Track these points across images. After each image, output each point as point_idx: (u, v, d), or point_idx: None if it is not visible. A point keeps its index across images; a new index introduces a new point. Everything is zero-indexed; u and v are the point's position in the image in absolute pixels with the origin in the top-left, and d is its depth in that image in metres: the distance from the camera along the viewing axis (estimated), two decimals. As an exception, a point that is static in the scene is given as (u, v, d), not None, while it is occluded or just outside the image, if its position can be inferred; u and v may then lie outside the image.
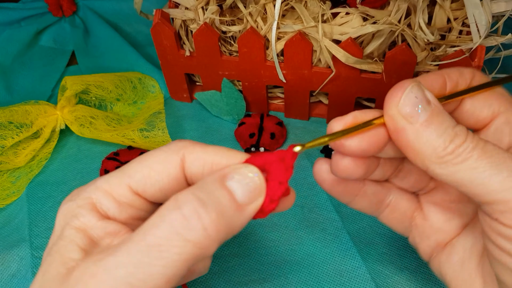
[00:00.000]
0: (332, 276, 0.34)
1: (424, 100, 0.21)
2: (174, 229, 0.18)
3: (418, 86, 0.21)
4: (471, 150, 0.20)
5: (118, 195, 0.22)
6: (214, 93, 0.46)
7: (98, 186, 0.22)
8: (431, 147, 0.20)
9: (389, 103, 0.21)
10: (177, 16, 0.43)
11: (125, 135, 0.42)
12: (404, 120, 0.21)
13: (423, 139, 0.21)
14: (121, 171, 0.22)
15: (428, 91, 0.21)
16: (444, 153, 0.20)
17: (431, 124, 0.21)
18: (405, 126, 0.21)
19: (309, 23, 0.38)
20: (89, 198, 0.21)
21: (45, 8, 0.60)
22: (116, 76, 0.48)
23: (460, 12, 0.37)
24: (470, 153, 0.20)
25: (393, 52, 0.36)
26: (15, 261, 0.36)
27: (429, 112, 0.21)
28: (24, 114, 0.43)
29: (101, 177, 0.22)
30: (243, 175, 0.20)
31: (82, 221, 0.21)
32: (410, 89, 0.21)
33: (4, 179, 0.42)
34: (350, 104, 0.42)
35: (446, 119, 0.21)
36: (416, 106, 0.21)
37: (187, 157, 0.22)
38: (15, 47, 0.56)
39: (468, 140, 0.20)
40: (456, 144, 0.20)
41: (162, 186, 0.22)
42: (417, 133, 0.21)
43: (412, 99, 0.21)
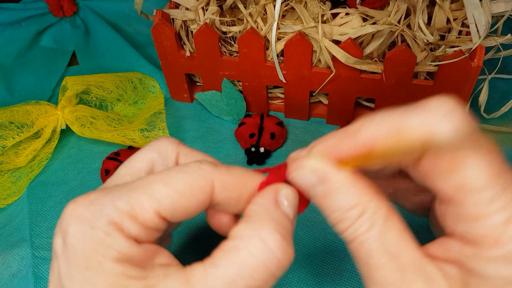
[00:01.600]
0: (332, 275, 0.34)
1: (315, 182, 0.21)
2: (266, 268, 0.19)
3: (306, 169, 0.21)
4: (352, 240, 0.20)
5: (145, 220, 0.20)
6: (215, 93, 0.46)
7: (121, 209, 0.19)
8: (328, 221, 0.21)
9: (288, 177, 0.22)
10: (177, 17, 0.43)
11: (125, 135, 0.42)
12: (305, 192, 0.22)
13: (323, 212, 0.21)
14: (144, 193, 0.20)
15: (327, 167, 0.20)
16: (336, 229, 0.21)
17: (322, 204, 0.21)
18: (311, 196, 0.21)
19: (309, 24, 0.38)
20: (114, 223, 0.19)
21: (46, 8, 0.60)
22: (117, 77, 0.48)
23: (459, 13, 0.38)
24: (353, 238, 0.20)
25: (393, 53, 0.36)
26: (15, 261, 0.36)
27: (321, 191, 0.20)
28: (25, 114, 0.44)
29: (116, 196, 0.20)
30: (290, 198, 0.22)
31: (123, 252, 0.19)
32: (298, 173, 0.21)
33: (5, 179, 0.42)
34: (350, 104, 0.42)
35: (339, 200, 0.20)
36: (310, 184, 0.21)
37: (217, 183, 0.21)
38: (15, 48, 0.56)
39: (353, 228, 0.20)
40: (341, 229, 0.20)
41: (189, 212, 0.21)
42: (318, 205, 0.21)
43: (303, 181, 0.21)
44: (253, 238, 0.19)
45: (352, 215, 0.20)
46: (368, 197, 0.20)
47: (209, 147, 0.44)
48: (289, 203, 0.21)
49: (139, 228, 0.20)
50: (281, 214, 0.21)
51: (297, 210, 0.22)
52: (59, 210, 0.40)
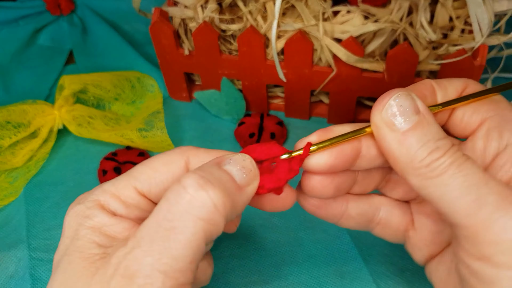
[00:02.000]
0: (333, 277, 0.34)
1: (411, 109, 0.21)
2: (184, 210, 0.19)
3: (405, 95, 0.21)
4: (447, 166, 0.20)
5: (125, 196, 0.23)
6: (214, 92, 0.46)
7: (105, 189, 0.23)
8: (409, 157, 0.20)
9: (373, 111, 0.22)
10: (176, 15, 0.43)
11: (123, 135, 0.42)
12: (386, 128, 0.21)
13: (402, 148, 0.21)
14: (126, 174, 0.23)
15: (419, 100, 0.21)
16: (419, 165, 0.20)
17: (413, 134, 0.20)
18: (387, 133, 0.21)
19: (310, 22, 0.38)
20: (97, 200, 0.22)
21: (43, 6, 0.59)
22: (115, 75, 0.48)
23: (462, 11, 0.37)
24: (445, 169, 0.20)
25: (395, 51, 0.36)
26: (12, 262, 0.36)
27: (414, 121, 0.21)
28: (22, 114, 0.43)
29: (107, 181, 0.23)
30: (237, 159, 0.22)
31: (96, 221, 0.22)
32: (395, 97, 0.21)
33: (2, 180, 0.42)
34: (351, 104, 0.42)
35: (431, 130, 0.21)
36: (401, 114, 0.21)
37: (192, 159, 0.23)
38: (12, 46, 0.56)
39: (447, 156, 0.20)
40: (433, 158, 0.20)
41: (167, 186, 0.22)
42: (398, 141, 0.21)
43: (396, 107, 0.21)
44: (175, 189, 0.20)
45: (446, 143, 0.20)
46: None
47: (208, 147, 0.43)
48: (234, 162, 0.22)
49: (119, 204, 0.22)
50: (219, 170, 0.21)
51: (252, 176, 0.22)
52: (57, 211, 0.40)
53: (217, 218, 0.20)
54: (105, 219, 0.22)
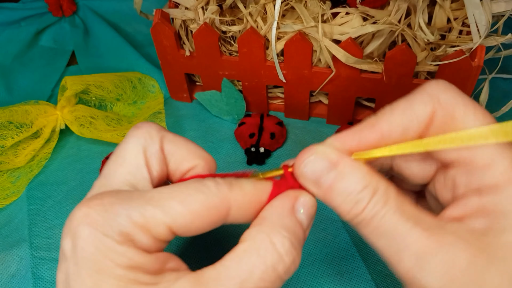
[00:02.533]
0: (332, 276, 0.34)
1: (326, 167, 0.21)
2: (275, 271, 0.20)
3: (319, 156, 0.21)
4: (370, 218, 0.20)
5: (157, 233, 0.20)
6: (214, 93, 0.46)
7: (133, 219, 0.20)
8: (338, 211, 0.21)
9: (296, 168, 0.22)
10: (177, 16, 0.43)
11: (125, 135, 0.42)
12: (311, 186, 0.22)
13: (330, 203, 0.21)
14: (159, 207, 0.20)
15: (335, 153, 0.21)
16: (348, 218, 0.21)
17: (333, 191, 0.21)
18: (313, 190, 0.22)
19: (309, 23, 0.38)
20: (125, 234, 0.19)
21: (45, 8, 0.60)
22: (116, 76, 0.48)
23: (460, 12, 0.37)
24: (370, 220, 0.20)
25: (393, 52, 0.36)
26: (14, 261, 0.36)
27: (331, 179, 0.21)
28: (24, 114, 0.43)
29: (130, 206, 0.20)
30: (309, 208, 0.22)
31: (135, 260, 0.19)
32: (312, 158, 0.21)
33: (4, 179, 0.42)
34: (350, 104, 0.42)
35: (351, 183, 0.20)
36: (318, 173, 0.21)
37: (233, 205, 0.21)
38: (15, 47, 0.56)
39: (371, 204, 0.20)
40: (356, 211, 0.20)
41: (202, 229, 0.21)
42: (324, 197, 0.21)
43: (312, 169, 0.21)
44: (264, 242, 0.20)
45: (366, 194, 0.20)
46: (377, 177, 0.21)
47: (209, 147, 0.44)
48: (305, 210, 0.22)
49: (150, 240, 0.20)
50: (295, 221, 0.21)
51: (312, 219, 0.22)
52: (58, 210, 0.40)
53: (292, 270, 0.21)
54: (142, 258, 0.19)
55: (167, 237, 0.20)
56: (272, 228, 0.21)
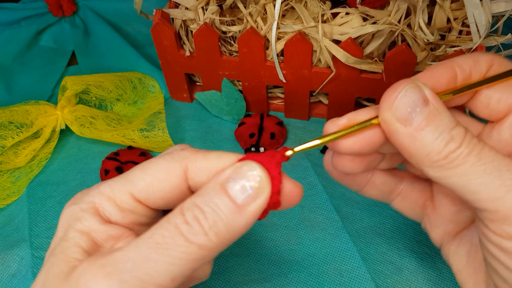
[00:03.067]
0: (332, 276, 0.34)
1: (420, 102, 0.20)
2: (179, 231, 0.19)
3: (414, 88, 0.20)
4: (466, 156, 0.20)
5: (121, 201, 0.22)
6: (214, 93, 0.46)
7: (101, 191, 0.22)
8: (425, 151, 0.20)
9: (383, 106, 0.21)
10: (177, 16, 0.43)
11: (125, 135, 0.42)
12: (398, 124, 0.20)
13: (417, 143, 0.20)
14: (124, 178, 0.22)
15: (428, 89, 0.21)
16: (437, 158, 0.20)
17: (426, 127, 0.20)
18: (399, 130, 0.20)
19: (309, 23, 0.38)
20: (92, 202, 0.22)
21: (45, 8, 0.60)
22: (116, 76, 0.48)
23: (460, 12, 0.37)
24: (464, 159, 0.20)
25: (393, 52, 0.36)
26: (15, 261, 0.36)
27: (425, 114, 0.20)
28: (24, 114, 0.43)
29: (104, 182, 0.23)
30: (243, 174, 0.20)
31: (86, 225, 0.21)
32: (404, 91, 0.20)
33: (4, 179, 0.42)
34: (350, 104, 0.42)
35: (443, 121, 0.20)
36: (411, 108, 0.20)
37: (190, 167, 0.22)
38: (15, 47, 0.56)
39: (464, 145, 0.20)
40: (450, 149, 0.20)
41: (164, 195, 0.22)
42: (411, 136, 0.20)
43: (406, 102, 0.20)
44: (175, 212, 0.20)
45: (460, 131, 0.20)
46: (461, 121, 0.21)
47: (209, 147, 0.44)
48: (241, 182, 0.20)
49: (114, 208, 0.22)
50: (220, 191, 0.20)
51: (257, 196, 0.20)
52: (59, 210, 0.40)
53: (210, 246, 0.19)
54: (95, 225, 0.21)
55: (131, 205, 0.22)
56: (188, 200, 0.20)
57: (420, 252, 0.34)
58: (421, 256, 0.34)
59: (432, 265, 0.34)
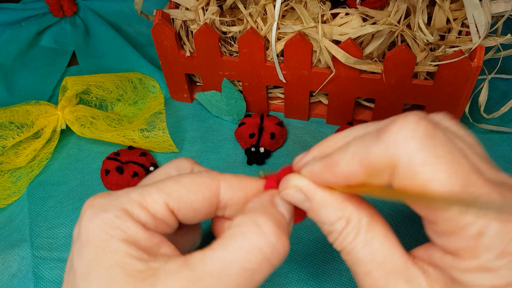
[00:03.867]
0: (332, 275, 0.34)
1: (302, 199, 0.22)
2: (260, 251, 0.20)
3: (293, 189, 0.22)
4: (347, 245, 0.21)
5: (154, 209, 0.21)
6: (214, 93, 0.46)
7: (133, 198, 0.21)
8: None
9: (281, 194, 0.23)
10: (177, 17, 0.43)
11: (125, 135, 0.42)
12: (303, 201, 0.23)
13: None
14: (156, 187, 0.22)
15: (309, 186, 0.22)
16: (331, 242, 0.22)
17: (313, 217, 0.22)
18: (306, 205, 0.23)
19: (309, 24, 0.38)
20: (125, 209, 0.21)
21: (46, 8, 0.60)
22: (117, 77, 0.48)
23: (459, 13, 0.38)
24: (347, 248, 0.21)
25: (393, 53, 0.36)
26: (16, 261, 0.37)
27: (310, 208, 0.22)
28: (25, 114, 0.44)
29: (131, 190, 0.22)
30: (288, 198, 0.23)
31: (130, 234, 0.20)
32: (287, 192, 0.23)
33: (5, 179, 0.42)
34: (350, 104, 0.42)
35: (324, 215, 0.22)
36: (299, 203, 0.23)
37: (223, 185, 0.23)
38: (15, 48, 0.56)
39: (339, 240, 0.21)
40: (331, 240, 0.22)
41: (196, 208, 0.22)
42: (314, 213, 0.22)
43: (292, 199, 0.23)
44: (250, 225, 0.20)
45: (338, 227, 0.21)
46: (350, 208, 0.21)
47: (209, 147, 0.44)
48: (284, 205, 0.23)
49: (148, 216, 0.21)
50: (277, 211, 0.22)
51: (292, 215, 0.23)
52: (59, 210, 0.40)
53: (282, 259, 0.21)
54: (138, 233, 0.20)
55: (164, 214, 0.22)
56: (257, 213, 0.21)
57: (420, 252, 0.35)
58: (420, 256, 0.34)
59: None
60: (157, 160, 0.43)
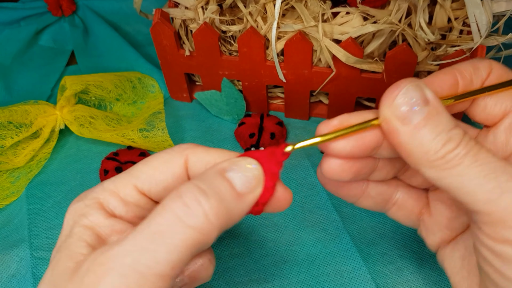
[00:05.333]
0: (332, 276, 0.34)
1: (420, 101, 0.20)
2: (176, 216, 0.19)
3: (415, 86, 0.21)
4: (463, 157, 0.20)
5: (125, 194, 0.23)
6: (214, 93, 0.46)
7: (105, 187, 0.23)
8: (422, 150, 0.20)
9: (383, 104, 0.21)
10: (177, 16, 0.43)
11: (124, 135, 0.42)
12: (397, 122, 0.21)
13: (415, 141, 0.20)
14: (127, 173, 0.23)
15: (428, 90, 0.21)
16: (435, 158, 0.20)
17: (425, 126, 0.20)
18: (398, 127, 0.21)
19: (309, 23, 0.38)
20: (96, 198, 0.22)
21: (45, 7, 0.59)
22: (116, 76, 0.48)
23: (460, 12, 0.37)
24: (460, 160, 0.20)
25: (394, 52, 0.36)
26: (14, 261, 0.36)
27: (425, 113, 0.20)
28: (24, 114, 0.43)
29: (108, 179, 0.23)
30: (241, 166, 0.21)
31: (90, 220, 0.22)
32: (405, 90, 0.21)
33: (4, 179, 0.42)
34: (351, 104, 0.42)
35: (442, 121, 0.20)
36: (411, 107, 0.20)
37: (191, 158, 0.23)
38: (14, 47, 0.56)
39: (461, 146, 0.20)
40: (447, 149, 0.20)
41: (167, 185, 0.23)
42: (410, 135, 0.20)
43: (406, 100, 0.20)
44: (174, 196, 0.20)
45: (458, 132, 0.20)
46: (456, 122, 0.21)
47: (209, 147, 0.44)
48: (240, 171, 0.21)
49: (118, 202, 0.22)
50: (220, 177, 0.21)
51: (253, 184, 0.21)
52: (58, 210, 0.40)
53: (208, 228, 0.19)
54: (100, 219, 0.22)
55: (135, 197, 0.23)
56: (187, 182, 0.20)
57: (420, 252, 0.34)
58: (421, 257, 0.34)
59: (432, 266, 0.34)
60: (156, 160, 0.43)
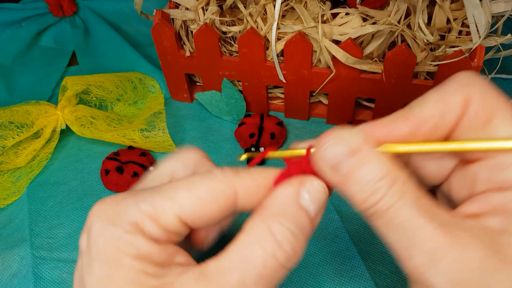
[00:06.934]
0: (331, 275, 0.34)
1: (344, 154, 0.20)
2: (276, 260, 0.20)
3: (336, 141, 0.20)
4: (385, 211, 0.19)
5: (166, 222, 0.20)
6: (214, 93, 0.46)
7: (143, 210, 0.20)
8: (353, 198, 0.20)
9: (315, 153, 0.21)
10: (177, 17, 0.43)
11: (125, 135, 0.42)
12: (329, 170, 0.21)
13: (347, 189, 0.20)
14: (167, 196, 0.21)
15: (359, 138, 0.20)
16: (362, 208, 0.20)
17: (352, 177, 0.20)
18: (330, 174, 0.21)
19: (309, 24, 0.38)
20: (135, 223, 0.20)
21: (46, 8, 0.60)
22: (117, 77, 0.48)
23: (459, 13, 0.38)
24: (383, 213, 0.19)
25: (393, 53, 0.36)
26: (15, 261, 0.37)
27: (349, 165, 0.20)
28: (25, 114, 0.44)
29: (140, 198, 0.21)
30: (315, 194, 0.21)
31: (142, 250, 0.20)
32: (327, 145, 0.20)
33: (5, 179, 0.42)
34: (350, 104, 0.42)
35: (368, 172, 0.20)
36: (336, 160, 0.20)
37: (240, 189, 0.21)
38: (15, 48, 0.56)
39: (385, 199, 0.19)
40: (371, 202, 0.20)
41: (210, 218, 0.21)
42: (341, 183, 0.20)
43: (330, 154, 0.20)
44: (263, 231, 0.20)
45: (383, 184, 0.19)
46: (397, 168, 0.20)
47: (209, 147, 0.44)
48: (311, 196, 0.21)
49: (159, 230, 0.20)
50: (297, 208, 0.21)
51: (321, 205, 0.21)
52: (59, 210, 0.40)
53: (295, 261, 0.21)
54: (151, 248, 0.20)
55: (176, 227, 0.21)
56: (271, 216, 0.20)
57: (420, 252, 0.34)
58: (420, 256, 0.34)
59: (431, 265, 0.34)
60: (157, 160, 0.43)
